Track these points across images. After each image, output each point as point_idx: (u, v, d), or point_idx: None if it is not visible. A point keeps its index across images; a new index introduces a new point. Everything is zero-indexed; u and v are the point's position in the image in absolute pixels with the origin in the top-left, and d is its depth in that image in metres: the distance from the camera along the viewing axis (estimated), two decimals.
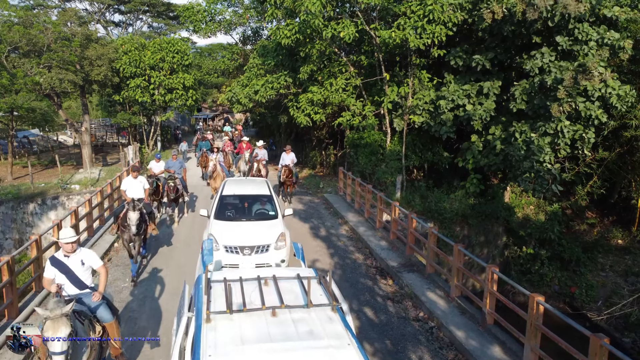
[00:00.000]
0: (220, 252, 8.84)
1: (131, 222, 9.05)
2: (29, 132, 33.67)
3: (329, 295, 4.56)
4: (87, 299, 5.63)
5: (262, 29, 31.38)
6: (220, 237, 9.06)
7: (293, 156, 16.33)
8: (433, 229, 10.09)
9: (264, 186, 11.01)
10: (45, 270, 5.68)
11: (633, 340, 13.90)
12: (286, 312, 4.22)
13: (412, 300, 9.03)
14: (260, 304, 4.27)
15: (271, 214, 10.12)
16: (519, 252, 17.50)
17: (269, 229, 9.42)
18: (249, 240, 9.02)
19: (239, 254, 8.88)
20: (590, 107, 14.32)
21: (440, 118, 17.28)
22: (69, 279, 5.58)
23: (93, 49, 22.97)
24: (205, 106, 52.06)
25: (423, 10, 16.31)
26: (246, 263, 8.82)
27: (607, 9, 14.55)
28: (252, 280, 4.76)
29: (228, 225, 9.54)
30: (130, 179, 10.97)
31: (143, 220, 9.51)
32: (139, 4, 40.90)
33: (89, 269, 5.74)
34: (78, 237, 5.66)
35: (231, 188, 10.84)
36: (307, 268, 5.51)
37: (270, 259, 8.95)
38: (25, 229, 19.10)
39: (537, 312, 6.33)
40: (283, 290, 4.60)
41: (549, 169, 15.22)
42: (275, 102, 25.90)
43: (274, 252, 9.07)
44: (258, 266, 8.78)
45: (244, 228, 9.48)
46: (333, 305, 4.34)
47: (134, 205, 9.11)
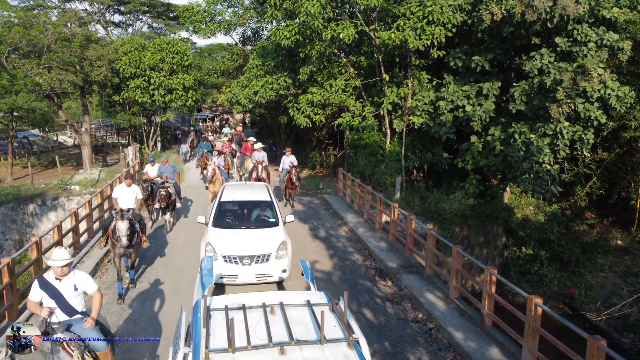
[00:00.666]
0: (219, 262, 8.49)
1: (121, 232, 8.35)
2: (29, 132, 33.70)
3: (344, 326, 4.09)
4: (78, 325, 5.12)
5: (261, 29, 31.42)
6: (218, 246, 8.73)
7: (293, 158, 16.02)
8: (432, 230, 10.11)
9: (264, 191, 10.69)
10: (31, 292, 5.12)
11: (632, 341, 13.92)
12: (296, 349, 3.74)
13: (411, 302, 9.05)
14: (266, 340, 3.80)
15: (272, 221, 9.79)
16: (519, 253, 17.53)
17: (269, 237, 9.10)
18: (248, 250, 8.69)
19: (239, 264, 8.56)
20: (590, 108, 14.36)
21: (439, 119, 17.32)
22: (59, 304, 5.07)
23: (93, 49, 23.00)
24: (205, 106, 52.09)
25: (422, 12, 16.34)
26: (246, 273, 8.54)
27: (606, 10, 14.57)
28: (257, 308, 4.33)
29: (227, 233, 9.20)
30: (123, 186, 10.34)
31: (134, 231, 8.85)
32: (139, 4, 40.94)
33: (81, 293, 5.23)
34: (71, 259, 5.14)
35: (230, 194, 10.45)
36: (318, 292, 5.06)
37: (271, 269, 8.68)
38: (25, 229, 19.13)
39: (535, 314, 6.35)
40: (292, 320, 4.14)
41: (548, 170, 15.26)
42: (275, 103, 25.91)
43: (275, 261, 8.75)
44: (258, 277, 8.60)
45: (244, 236, 9.13)
46: (349, 341, 3.87)
47: (121, 215, 8.43)
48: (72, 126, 25.69)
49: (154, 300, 8.87)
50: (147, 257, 11.07)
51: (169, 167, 13.94)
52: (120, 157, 23.97)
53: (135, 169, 19.15)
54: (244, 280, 8.62)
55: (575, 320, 13.69)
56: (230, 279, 8.61)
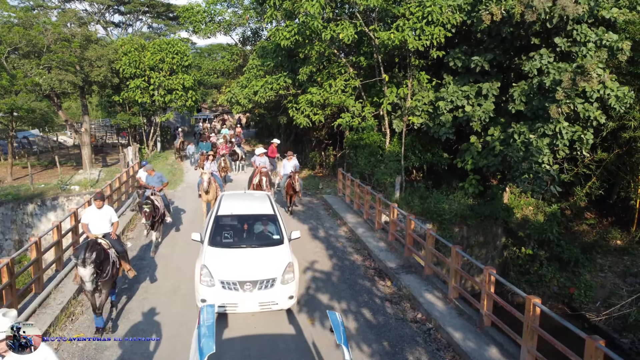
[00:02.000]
0: (216, 288, 7.50)
1: (84, 279, 6.98)
2: (28, 132, 33.73)
3: None
4: None
5: (261, 29, 31.48)
6: (215, 269, 7.65)
7: (295, 162, 15.07)
8: (431, 230, 10.12)
9: (265, 203, 9.60)
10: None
11: (631, 341, 13.92)
12: None
13: (410, 302, 9.06)
14: None
15: (276, 238, 8.68)
16: (518, 253, 17.53)
17: (274, 258, 8.03)
18: (250, 274, 7.63)
19: (239, 291, 7.50)
20: (589, 108, 14.37)
21: (439, 119, 17.33)
22: None
23: (93, 49, 23.03)
24: (205, 107, 52.10)
25: (422, 12, 16.37)
26: (247, 302, 7.52)
27: (605, 10, 14.59)
28: None
29: (225, 253, 8.11)
30: (93, 209, 8.38)
31: (106, 265, 7.48)
32: (139, 4, 40.98)
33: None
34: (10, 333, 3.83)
35: (228, 206, 9.33)
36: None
37: (276, 296, 7.63)
38: (25, 229, 19.15)
39: (533, 314, 6.36)
40: None
41: (548, 170, 15.27)
42: (274, 103, 25.96)
43: (281, 287, 7.68)
44: (262, 305, 7.61)
45: (244, 257, 8.06)
46: None
47: (83, 260, 6.85)
48: (72, 126, 25.72)
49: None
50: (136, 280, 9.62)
51: (155, 178, 12.64)
52: (120, 157, 24.00)
53: (130, 173, 18.41)
54: (245, 310, 7.66)
55: (574, 320, 13.71)
56: (230, 308, 7.61)
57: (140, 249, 11.93)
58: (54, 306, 8.30)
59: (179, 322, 7.96)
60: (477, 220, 16.77)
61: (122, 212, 15.30)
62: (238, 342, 7.29)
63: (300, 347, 7.20)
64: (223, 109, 49.06)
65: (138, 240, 12.71)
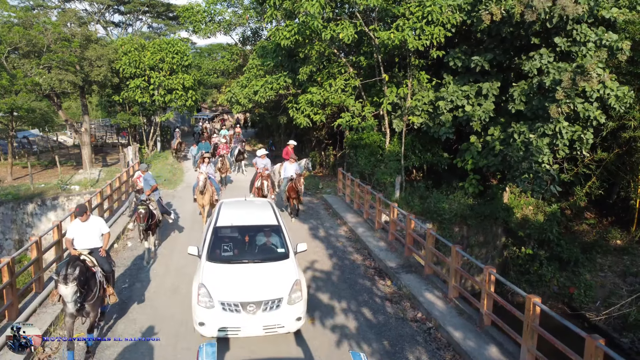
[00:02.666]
0: (216, 309, 6.75)
1: (66, 299, 6.24)
2: (28, 132, 33.74)
3: None
4: None
5: (261, 29, 31.46)
6: (214, 288, 6.89)
7: (297, 166, 14.54)
8: (431, 230, 10.13)
9: (268, 211, 8.84)
10: None
11: (631, 341, 13.94)
12: None
13: (410, 301, 9.07)
14: None
15: (280, 252, 7.91)
16: (518, 253, 17.54)
17: (279, 275, 7.25)
18: (253, 293, 6.86)
19: (241, 313, 6.72)
20: (589, 108, 14.38)
21: (439, 119, 17.34)
22: None
23: (93, 49, 23.02)
24: (205, 106, 52.11)
25: (422, 12, 16.37)
26: (251, 325, 6.74)
27: (605, 10, 14.60)
28: None
29: (225, 270, 7.34)
30: (77, 223, 7.34)
31: (93, 284, 6.73)
32: (139, 4, 40.99)
33: None
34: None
35: (227, 216, 8.53)
36: None
37: (282, 318, 6.84)
38: (25, 229, 19.15)
39: (533, 313, 6.37)
40: None
41: (548, 170, 15.27)
42: (274, 103, 25.94)
43: (288, 308, 6.89)
44: (266, 329, 6.83)
45: (246, 274, 7.27)
46: None
47: (65, 276, 6.13)
48: (72, 126, 25.72)
49: None
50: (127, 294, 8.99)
51: (144, 180, 11.91)
52: (120, 157, 24.01)
53: (129, 173, 18.23)
54: (248, 334, 6.92)
55: (574, 320, 13.71)
56: (231, 332, 6.83)
57: (143, 248, 11.83)
58: (55, 305, 8.29)
59: (179, 322, 7.96)
60: (477, 220, 16.79)
61: (122, 212, 15.33)
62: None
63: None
64: (223, 109, 49.07)
65: (138, 240, 12.72)
